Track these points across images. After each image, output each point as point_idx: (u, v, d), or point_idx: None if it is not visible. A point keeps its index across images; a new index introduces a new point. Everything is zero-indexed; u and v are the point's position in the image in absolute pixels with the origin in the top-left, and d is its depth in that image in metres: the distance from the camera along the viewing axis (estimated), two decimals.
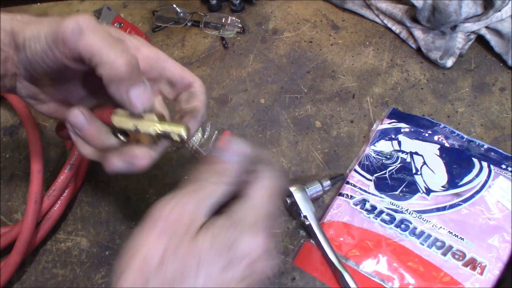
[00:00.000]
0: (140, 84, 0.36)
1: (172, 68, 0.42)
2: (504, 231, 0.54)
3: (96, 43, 0.34)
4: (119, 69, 0.34)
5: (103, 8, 0.84)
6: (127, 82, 0.35)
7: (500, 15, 0.68)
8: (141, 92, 0.36)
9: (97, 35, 0.34)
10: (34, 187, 0.57)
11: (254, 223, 0.32)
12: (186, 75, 0.42)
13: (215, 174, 0.33)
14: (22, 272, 0.59)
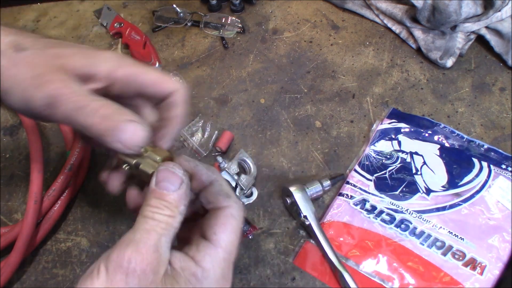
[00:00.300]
0: (125, 129, 0.34)
1: (150, 81, 0.39)
2: (504, 231, 0.54)
3: (69, 117, 0.34)
4: (96, 132, 0.34)
5: (103, 8, 0.85)
6: (110, 135, 0.34)
7: (500, 15, 0.68)
8: (128, 136, 0.34)
9: (68, 106, 0.34)
10: (34, 187, 0.57)
11: (223, 275, 0.34)
12: (165, 85, 0.40)
13: (166, 207, 0.34)
14: (22, 272, 0.59)
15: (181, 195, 0.34)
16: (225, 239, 0.35)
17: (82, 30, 0.84)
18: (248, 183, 0.61)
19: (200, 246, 0.35)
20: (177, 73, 0.75)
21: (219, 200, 0.37)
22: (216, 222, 0.36)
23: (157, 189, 0.34)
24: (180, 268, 0.33)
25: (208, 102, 0.72)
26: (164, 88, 0.40)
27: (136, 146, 0.35)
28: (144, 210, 0.34)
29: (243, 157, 0.63)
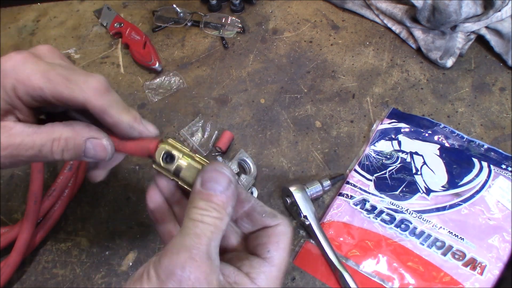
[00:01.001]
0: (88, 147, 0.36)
1: (50, 87, 0.34)
2: (504, 231, 0.54)
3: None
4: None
5: (103, 8, 0.85)
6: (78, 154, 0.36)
7: (500, 15, 0.68)
8: (92, 153, 0.36)
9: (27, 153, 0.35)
10: (34, 187, 0.57)
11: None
12: (69, 96, 0.34)
13: (214, 209, 0.33)
14: (22, 272, 0.59)
15: (229, 196, 0.33)
16: (279, 257, 0.35)
17: (82, 30, 0.84)
18: (248, 183, 0.61)
19: (254, 263, 0.34)
20: (177, 73, 0.75)
21: (266, 221, 0.37)
22: (268, 240, 0.36)
23: (203, 190, 0.33)
24: (234, 283, 0.33)
25: (208, 102, 0.72)
26: (72, 103, 0.35)
27: (108, 158, 0.37)
28: (192, 213, 0.33)
29: (243, 157, 0.63)
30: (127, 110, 0.37)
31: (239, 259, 0.36)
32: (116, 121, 0.36)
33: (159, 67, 0.75)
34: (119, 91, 0.74)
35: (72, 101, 0.34)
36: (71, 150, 0.35)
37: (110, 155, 0.37)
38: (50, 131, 0.35)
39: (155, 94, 0.73)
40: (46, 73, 0.34)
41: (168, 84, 0.74)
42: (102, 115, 0.35)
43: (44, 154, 0.35)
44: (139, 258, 0.58)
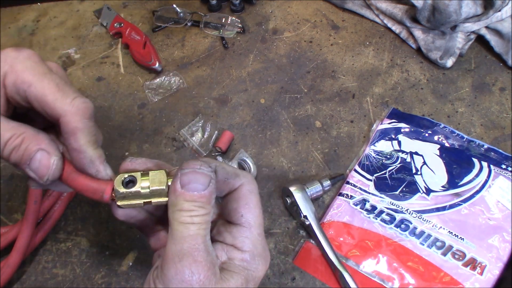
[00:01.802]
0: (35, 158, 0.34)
1: (38, 96, 0.34)
2: (504, 231, 0.54)
3: None
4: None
5: (103, 8, 0.85)
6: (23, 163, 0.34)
7: (500, 15, 0.68)
8: (36, 166, 0.34)
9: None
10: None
11: (263, 248, 0.36)
12: (54, 106, 0.34)
13: (200, 207, 0.33)
14: (22, 272, 0.58)
15: (212, 191, 0.34)
16: (253, 217, 0.36)
17: (82, 30, 0.84)
18: None
19: (234, 232, 0.36)
20: (177, 73, 0.75)
21: (230, 184, 0.37)
22: (238, 205, 0.36)
23: (186, 191, 0.33)
24: (228, 259, 0.35)
25: (208, 102, 0.72)
26: (50, 110, 0.34)
27: (46, 179, 0.34)
28: (180, 216, 0.33)
29: (243, 157, 0.63)
30: (96, 146, 0.35)
31: (218, 232, 0.37)
32: (80, 149, 0.34)
33: (159, 67, 0.75)
34: (119, 91, 0.74)
35: (51, 109, 0.34)
36: (20, 152, 0.34)
37: (50, 178, 0.34)
38: (15, 126, 0.34)
39: (155, 94, 0.73)
40: (42, 74, 0.34)
41: (168, 84, 0.74)
42: (70, 136, 0.34)
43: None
44: (139, 258, 0.58)
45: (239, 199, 0.36)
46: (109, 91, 0.75)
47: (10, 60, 0.34)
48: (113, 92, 0.74)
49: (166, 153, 0.67)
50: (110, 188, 0.35)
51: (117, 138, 0.69)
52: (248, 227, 0.36)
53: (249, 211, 0.36)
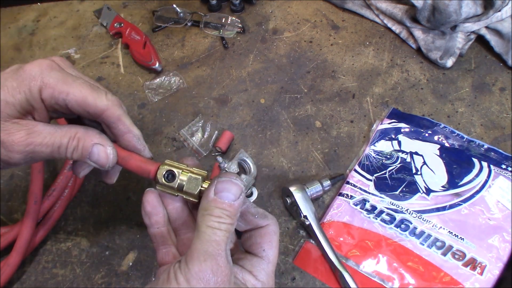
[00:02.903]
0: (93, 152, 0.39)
1: (76, 102, 0.38)
2: (504, 231, 0.54)
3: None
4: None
5: (103, 8, 0.85)
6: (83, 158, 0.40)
7: (500, 15, 0.68)
8: (96, 158, 0.40)
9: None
10: (34, 187, 0.57)
11: (273, 284, 0.40)
12: (94, 104, 0.39)
13: (228, 216, 0.37)
14: (22, 272, 0.59)
15: (240, 203, 0.38)
16: (272, 254, 0.40)
17: (82, 30, 0.84)
18: (248, 183, 0.61)
19: (254, 262, 0.40)
20: (177, 73, 0.75)
21: (259, 220, 0.41)
22: (262, 240, 0.40)
23: (218, 199, 0.37)
24: (242, 279, 0.38)
25: (208, 102, 0.72)
26: (93, 109, 0.39)
27: (108, 166, 0.40)
28: (209, 220, 0.36)
29: (243, 157, 0.63)
30: (135, 125, 0.41)
31: (238, 258, 0.40)
32: (129, 129, 0.40)
33: (159, 67, 0.75)
34: (119, 91, 0.74)
35: (94, 108, 0.39)
36: (79, 151, 0.39)
37: (110, 164, 0.40)
38: (68, 130, 0.38)
39: (155, 94, 0.73)
40: (73, 81, 0.38)
41: (168, 84, 0.74)
42: (117, 122, 0.40)
43: (61, 152, 0.38)
44: (139, 258, 0.58)
45: (264, 236, 0.40)
46: (109, 91, 0.74)
47: (38, 75, 0.37)
48: (113, 92, 0.74)
49: (166, 153, 0.67)
50: (155, 170, 0.40)
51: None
52: (267, 261, 0.40)
53: (270, 248, 0.40)
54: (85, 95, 0.38)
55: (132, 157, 0.41)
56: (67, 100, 0.38)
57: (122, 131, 0.40)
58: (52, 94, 0.37)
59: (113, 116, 0.39)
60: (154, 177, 0.40)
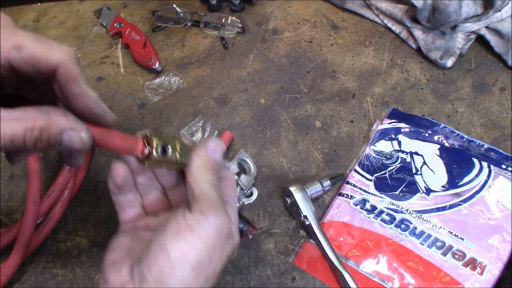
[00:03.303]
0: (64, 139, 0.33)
1: (27, 56, 0.31)
2: (504, 231, 0.54)
3: None
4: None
5: (103, 8, 0.85)
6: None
7: (500, 15, 0.68)
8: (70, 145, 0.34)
9: None
10: (32, 188, 0.57)
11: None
12: (45, 59, 0.32)
13: (215, 170, 0.41)
14: (22, 272, 0.58)
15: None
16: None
17: (82, 30, 0.84)
18: (248, 183, 0.61)
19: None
20: (177, 73, 0.75)
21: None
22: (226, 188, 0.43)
23: (211, 157, 0.40)
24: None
25: (208, 102, 0.72)
26: (44, 65, 0.32)
27: (84, 151, 0.35)
28: (209, 176, 0.39)
29: (243, 157, 0.63)
30: (90, 87, 0.35)
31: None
32: (84, 92, 0.34)
33: (159, 67, 0.75)
34: (119, 91, 0.74)
35: (45, 63, 0.32)
36: (45, 141, 0.32)
37: (87, 147, 0.34)
38: (22, 118, 0.31)
39: (155, 94, 0.73)
40: (15, 33, 0.31)
41: (168, 84, 0.74)
42: (70, 83, 0.33)
43: (16, 144, 0.31)
44: None
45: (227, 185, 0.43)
46: (109, 91, 0.75)
47: None
48: (113, 92, 0.74)
49: None
50: (140, 145, 0.38)
51: None
52: (231, 205, 0.42)
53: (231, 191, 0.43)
54: (32, 49, 0.31)
55: (111, 134, 0.36)
56: (10, 58, 0.31)
57: (76, 93, 0.34)
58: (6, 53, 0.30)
59: (67, 74, 0.33)
60: (141, 153, 0.37)
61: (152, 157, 0.37)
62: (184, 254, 0.35)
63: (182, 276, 0.35)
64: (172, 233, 0.35)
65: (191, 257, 0.35)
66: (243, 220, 0.57)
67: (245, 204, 0.61)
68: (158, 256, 0.35)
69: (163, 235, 0.36)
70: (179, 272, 0.34)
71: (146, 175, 0.43)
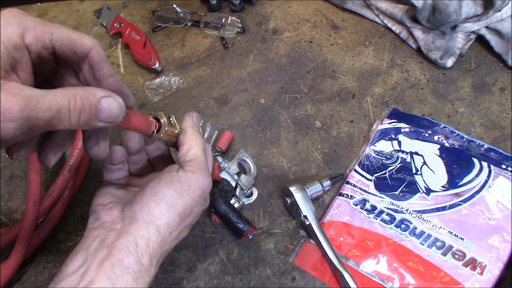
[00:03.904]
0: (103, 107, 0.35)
1: (64, 40, 0.35)
2: (504, 231, 0.54)
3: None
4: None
5: (103, 8, 0.85)
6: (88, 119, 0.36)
7: (500, 15, 0.68)
8: (107, 114, 0.37)
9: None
10: (32, 188, 0.57)
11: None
12: (80, 42, 0.36)
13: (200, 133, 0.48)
14: (22, 272, 0.58)
15: None
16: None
17: (82, 30, 0.84)
18: (248, 183, 0.61)
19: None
20: (177, 73, 0.75)
21: None
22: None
23: (195, 125, 0.46)
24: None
25: (208, 102, 0.72)
26: (80, 47, 0.36)
27: (122, 117, 0.36)
28: (199, 142, 0.45)
29: (243, 157, 0.63)
30: None
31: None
32: (114, 73, 0.39)
33: (159, 67, 0.75)
34: None
35: (81, 46, 0.36)
36: (87, 111, 0.33)
37: (123, 114, 0.36)
38: (64, 91, 0.32)
39: (155, 94, 0.73)
40: (50, 23, 0.34)
41: (168, 84, 0.74)
42: (103, 64, 0.37)
43: (63, 115, 0.32)
44: None
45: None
46: None
47: (13, 21, 0.33)
48: None
49: None
50: (154, 122, 0.43)
51: (117, 138, 0.68)
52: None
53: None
54: (69, 34, 0.35)
55: (134, 113, 0.40)
56: (53, 40, 0.34)
57: (107, 74, 0.38)
58: (36, 36, 0.33)
59: (99, 56, 0.37)
60: (154, 127, 0.43)
61: (164, 129, 0.43)
62: (173, 202, 0.40)
63: (169, 220, 0.40)
64: (166, 183, 0.41)
65: (179, 206, 0.41)
66: (243, 220, 0.57)
67: (245, 204, 0.61)
68: (151, 200, 0.40)
69: (157, 184, 0.41)
70: (167, 216, 0.40)
71: (140, 153, 0.48)
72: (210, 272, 0.56)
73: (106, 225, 0.41)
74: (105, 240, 0.39)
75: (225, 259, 0.57)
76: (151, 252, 0.39)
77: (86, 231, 0.43)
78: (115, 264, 0.37)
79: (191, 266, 0.57)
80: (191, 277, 0.56)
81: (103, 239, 0.40)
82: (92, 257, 0.38)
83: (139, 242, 0.39)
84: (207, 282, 0.56)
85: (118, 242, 0.39)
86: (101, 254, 0.38)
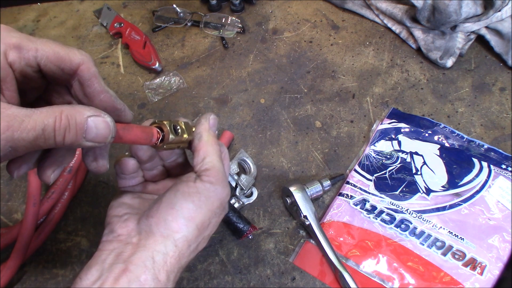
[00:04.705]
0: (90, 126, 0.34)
1: (52, 56, 0.34)
2: (504, 231, 0.54)
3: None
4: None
5: (103, 8, 0.85)
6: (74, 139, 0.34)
7: (500, 15, 0.68)
8: (95, 133, 0.35)
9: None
10: (32, 190, 0.57)
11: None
12: (69, 58, 0.35)
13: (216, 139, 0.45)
14: (22, 272, 0.58)
15: None
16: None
17: (82, 30, 0.84)
18: (248, 183, 0.61)
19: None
20: (177, 73, 0.75)
21: None
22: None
23: (212, 130, 0.44)
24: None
25: (208, 102, 0.72)
26: (67, 64, 0.35)
27: (111, 137, 0.34)
28: (215, 148, 0.42)
29: (243, 157, 0.63)
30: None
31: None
32: (105, 89, 0.37)
33: (159, 67, 0.75)
34: (119, 91, 0.74)
35: (69, 63, 0.34)
36: (73, 130, 0.32)
37: (113, 134, 0.34)
38: (51, 109, 0.31)
39: (155, 94, 0.73)
40: (36, 39, 0.33)
41: (168, 84, 0.74)
42: (93, 80, 0.36)
43: (47, 135, 0.31)
44: None
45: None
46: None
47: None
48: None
49: None
50: (156, 133, 0.40)
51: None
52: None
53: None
54: (57, 50, 0.34)
55: (132, 127, 0.37)
56: (38, 58, 0.33)
57: (98, 90, 0.36)
58: (20, 54, 0.32)
59: (89, 72, 0.35)
60: (156, 138, 0.39)
61: (168, 140, 0.40)
62: (191, 215, 0.38)
63: (187, 234, 0.38)
64: (183, 194, 0.39)
65: (197, 219, 0.39)
66: (243, 220, 0.57)
67: (245, 204, 0.61)
68: (168, 214, 0.38)
69: (174, 196, 0.39)
70: (185, 229, 0.38)
71: (152, 160, 0.46)
72: (210, 272, 0.56)
73: (121, 238, 0.39)
74: (121, 255, 0.37)
75: (225, 259, 0.57)
76: (168, 268, 0.37)
77: (101, 244, 0.40)
78: (131, 280, 0.36)
79: (190, 266, 0.57)
80: (191, 277, 0.56)
81: (119, 253, 0.38)
82: (108, 272, 0.36)
83: (156, 258, 0.37)
84: (207, 282, 0.56)
85: (135, 257, 0.37)
86: (117, 269, 0.36)
